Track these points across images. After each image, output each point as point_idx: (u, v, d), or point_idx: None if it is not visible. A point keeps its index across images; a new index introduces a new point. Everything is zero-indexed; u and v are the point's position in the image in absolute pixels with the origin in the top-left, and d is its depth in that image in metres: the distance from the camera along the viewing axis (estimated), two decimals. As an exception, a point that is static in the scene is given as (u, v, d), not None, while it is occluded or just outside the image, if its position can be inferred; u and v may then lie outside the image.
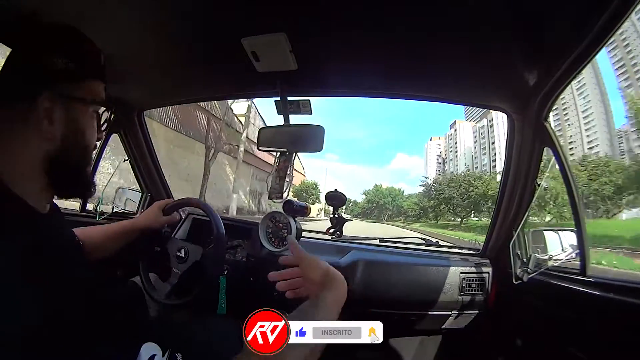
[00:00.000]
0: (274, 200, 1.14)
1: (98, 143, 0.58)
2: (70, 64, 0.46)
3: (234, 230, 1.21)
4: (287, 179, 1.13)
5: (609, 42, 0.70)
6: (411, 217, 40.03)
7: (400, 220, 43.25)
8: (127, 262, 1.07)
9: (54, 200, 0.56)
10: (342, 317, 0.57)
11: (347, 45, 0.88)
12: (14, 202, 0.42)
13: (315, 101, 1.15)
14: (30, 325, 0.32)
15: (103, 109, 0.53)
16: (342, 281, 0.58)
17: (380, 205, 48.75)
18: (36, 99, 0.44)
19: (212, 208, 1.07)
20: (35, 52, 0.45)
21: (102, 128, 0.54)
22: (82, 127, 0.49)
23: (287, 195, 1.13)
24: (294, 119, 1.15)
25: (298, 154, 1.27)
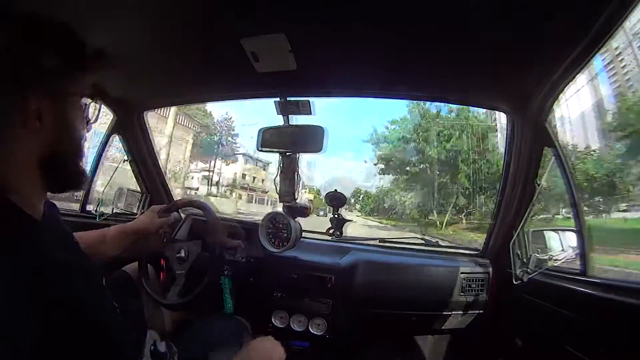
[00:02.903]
0: (286, 203, 1.13)
1: (103, 145, 0.57)
2: (59, 59, 0.45)
3: (234, 231, 1.21)
4: (296, 180, 1.11)
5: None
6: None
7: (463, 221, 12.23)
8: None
9: (51, 200, 0.55)
10: (342, 317, 0.57)
11: (347, 45, 0.88)
12: (9, 211, 0.41)
13: (319, 100, 1.14)
14: (33, 337, 0.32)
15: (89, 100, 0.53)
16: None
17: (431, 168, 12.51)
18: (27, 98, 0.42)
19: (205, 203, 1.07)
20: (23, 49, 0.42)
21: (90, 119, 0.53)
22: (73, 120, 0.48)
23: (299, 196, 1.12)
24: (298, 120, 1.15)
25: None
